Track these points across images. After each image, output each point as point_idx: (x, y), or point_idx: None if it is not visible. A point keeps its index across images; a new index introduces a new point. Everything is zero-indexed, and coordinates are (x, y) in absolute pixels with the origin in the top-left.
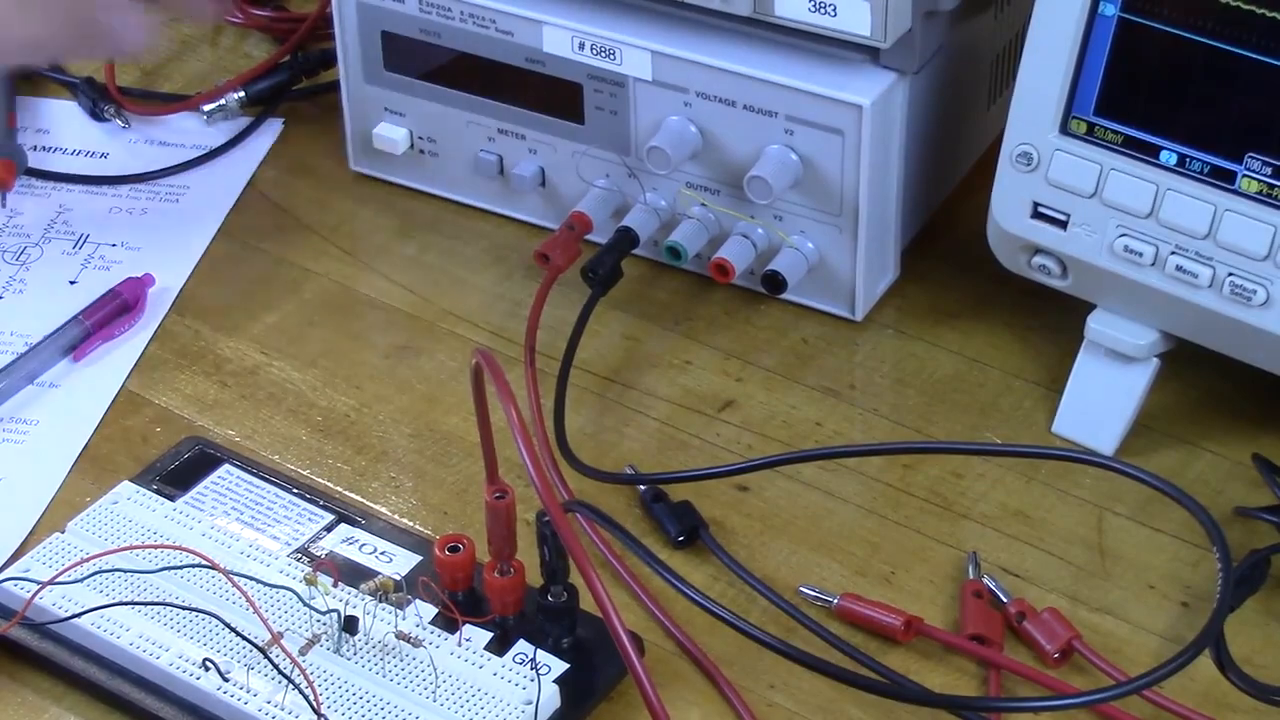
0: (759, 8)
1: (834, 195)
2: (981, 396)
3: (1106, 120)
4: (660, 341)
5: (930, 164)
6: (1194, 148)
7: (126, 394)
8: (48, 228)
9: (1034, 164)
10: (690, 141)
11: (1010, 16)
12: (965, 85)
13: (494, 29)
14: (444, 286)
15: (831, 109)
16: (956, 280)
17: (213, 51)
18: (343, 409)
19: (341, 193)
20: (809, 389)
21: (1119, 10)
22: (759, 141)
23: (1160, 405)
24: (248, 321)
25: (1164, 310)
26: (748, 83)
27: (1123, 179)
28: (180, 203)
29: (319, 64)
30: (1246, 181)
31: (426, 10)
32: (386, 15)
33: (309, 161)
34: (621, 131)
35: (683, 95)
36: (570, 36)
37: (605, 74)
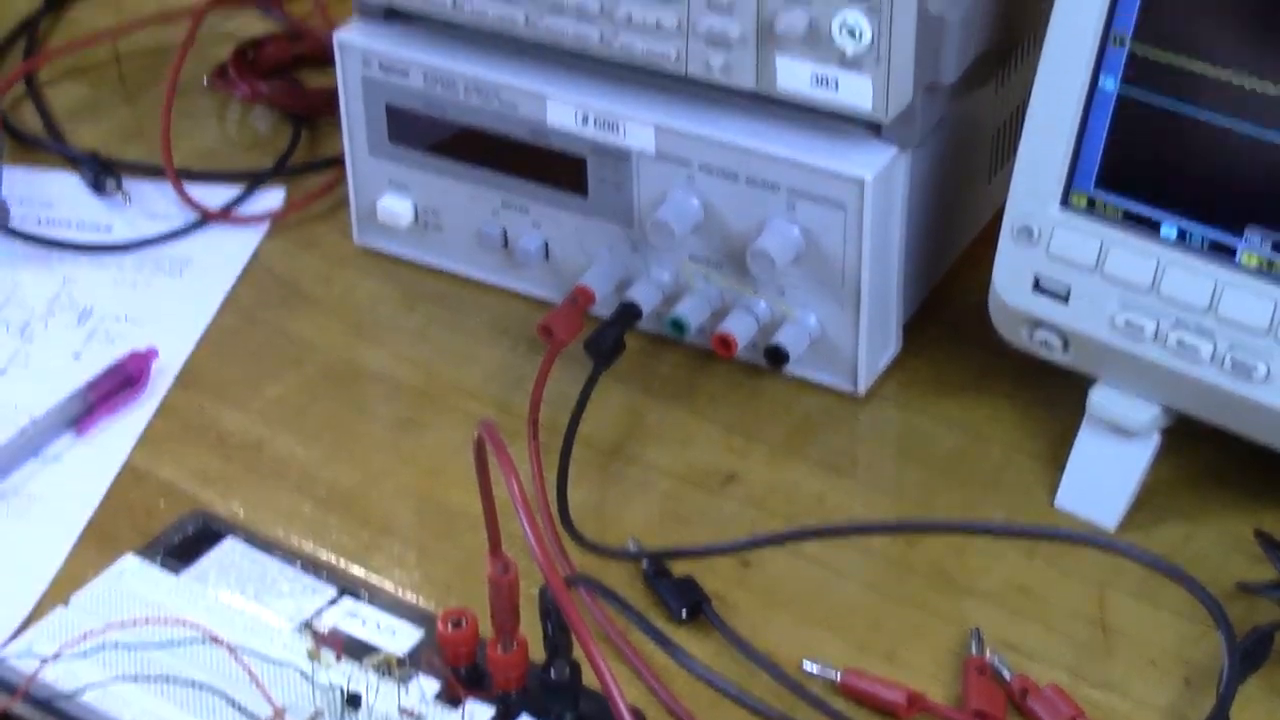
0: (762, 82)
1: (836, 269)
2: (984, 470)
3: (1107, 194)
4: (663, 415)
5: (932, 237)
6: (1194, 222)
7: (130, 467)
8: (52, 301)
9: (1035, 238)
10: (693, 215)
11: (1010, 91)
12: (966, 159)
13: (498, 102)
14: (448, 359)
15: (833, 183)
16: (958, 353)
17: (219, 125)
18: (346, 482)
19: (345, 265)
20: (811, 463)
21: (1119, 85)
22: (761, 215)
23: (1163, 478)
24: (251, 394)
25: (1165, 385)
26: (750, 156)
27: (1123, 253)
28: (184, 275)
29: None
30: (1246, 256)
31: (431, 84)
32: (391, 89)
33: (313, 234)
34: (625, 204)
35: (686, 169)
36: (574, 110)
37: (609, 147)
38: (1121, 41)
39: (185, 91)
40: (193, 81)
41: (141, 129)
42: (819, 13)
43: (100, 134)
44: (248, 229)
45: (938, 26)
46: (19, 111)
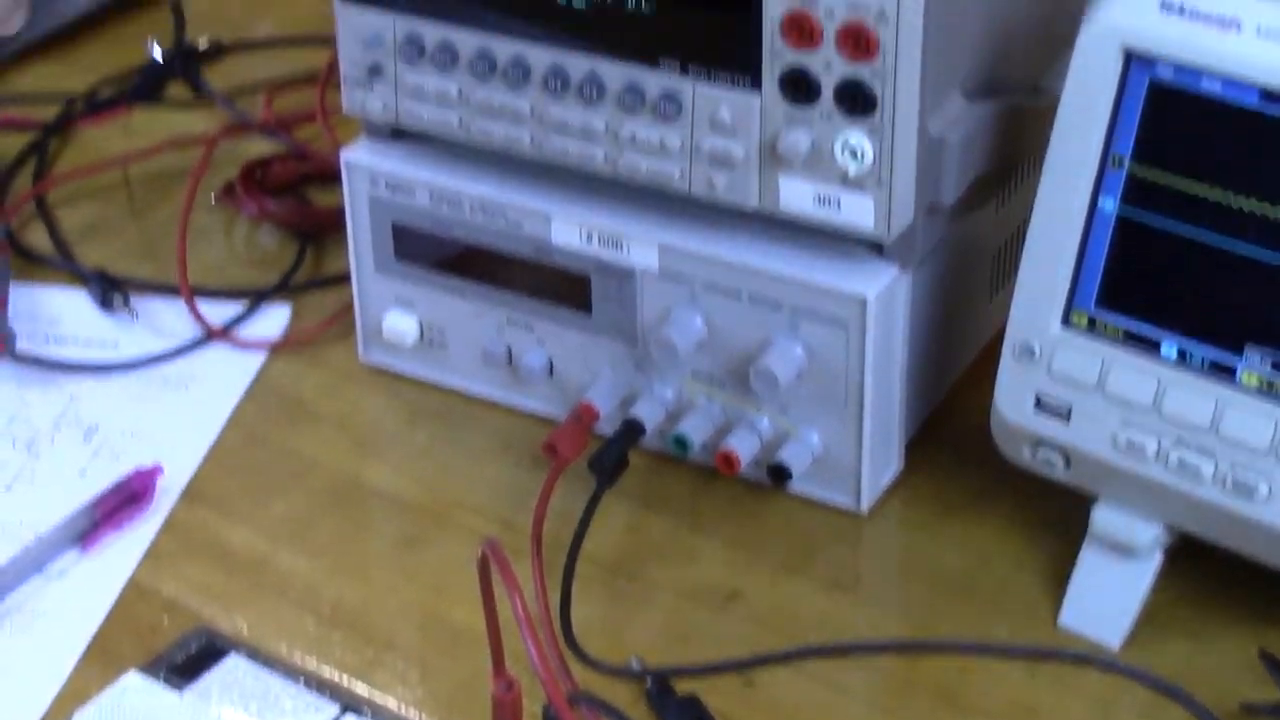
0: (765, 202)
1: (839, 387)
2: (987, 589)
3: (1107, 314)
4: (666, 532)
5: (934, 356)
6: (1194, 341)
7: (134, 584)
8: (58, 418)
9: (1037, 357)
10: (696, 333)
11: (1011, 211)
12: (968, 278)
13: (503, 221)
14: (452, 476)
15: (835, 302)
16: (961, 471)
17: (226, 241)
18: (350, 599)
19: (350, 381)
20: (815, 581)
21: (1118, 206)
22: (765, 333)
23: (1167, 597)
24: (256, 511)
25: (1167, 504)
26: (753, 275)
27: (1124, 372)
28: (190, 391)
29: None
30: (1247, 375)
31: (437, 203)
32: (398, 207)
33: (318, 350)
34: (628, 322)
35: (689, 287)
36: (578, 228)
37: (612, 265)
38: (1120, 163)
39: (193, 208)
40: (200, 198)
41: (149, 247)
42: (821, 134)
43: (108, 252)
44: (253, 345)
45: (938, 148)
46: (29, 230)
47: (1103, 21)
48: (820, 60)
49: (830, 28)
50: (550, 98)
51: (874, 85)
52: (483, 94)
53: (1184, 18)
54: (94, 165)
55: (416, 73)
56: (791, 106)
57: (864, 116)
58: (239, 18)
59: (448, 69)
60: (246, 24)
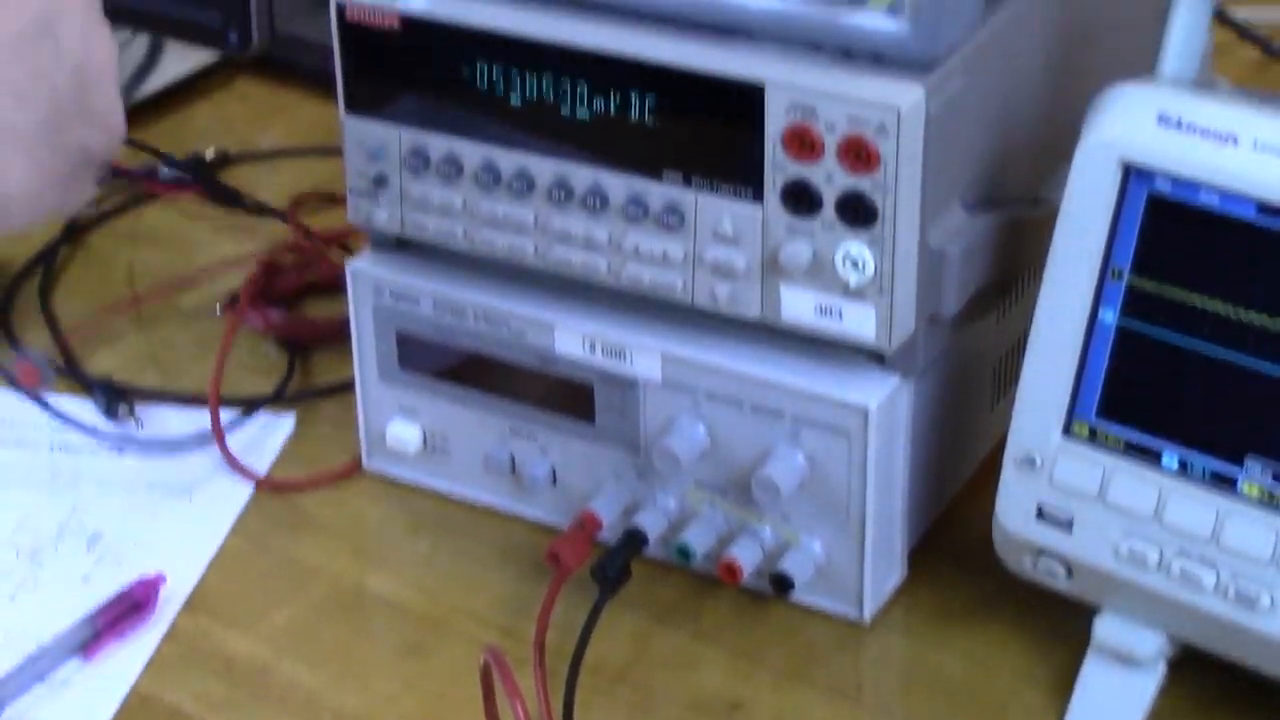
0: (767, 312)
1: (840, 496)
2: (991, 699)
3: (1108, 424)
4: (669, 641)
5: (935, 465)
6: (1195, 451)
7: (137, 693)
8: (62, 526)
9: (1038, 467)
10: (699, 442)
11: (1012, 322)
12: (969, 388)
13: (506, 330)
14: (454, 585)
15: (837, 411)
16: (964, 580)
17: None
18: (352, 708)
19: (353, 489)
20: (817, 690)
21: (1118, 318)
22: (767, 442)
23: (1171, 708)
24: (258, 620)
25: (1170, 614)
26: (755, 385)
27: (1126, 482)
28: (194, 500)
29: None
30: (1248, 486)
31: (441, 312)
32: (402, 316)
33: (322, 458)
34: (631, 431)
35: (692, 396)
36: (581, 338)
37: (615, 375)
38: (1120, 275)
39: (197, 317)
40: (204, 308)
41: (155, 356)
42: (822, 245)
43: (114, 360)
44: (257, 454)
45: (939, 259)
46: (35, 338)
47: (1101, 135)
48: (822, 172)
49: (831, 141)
50: (554, 208)
51: (875, 197)
52: (487, 205)
53: (1181, 131)
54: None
55: (422, 184)
56: (793, 218)
57: (865, 228)
58: (245, 129)
59: (453, 180)
60: (252, 135)
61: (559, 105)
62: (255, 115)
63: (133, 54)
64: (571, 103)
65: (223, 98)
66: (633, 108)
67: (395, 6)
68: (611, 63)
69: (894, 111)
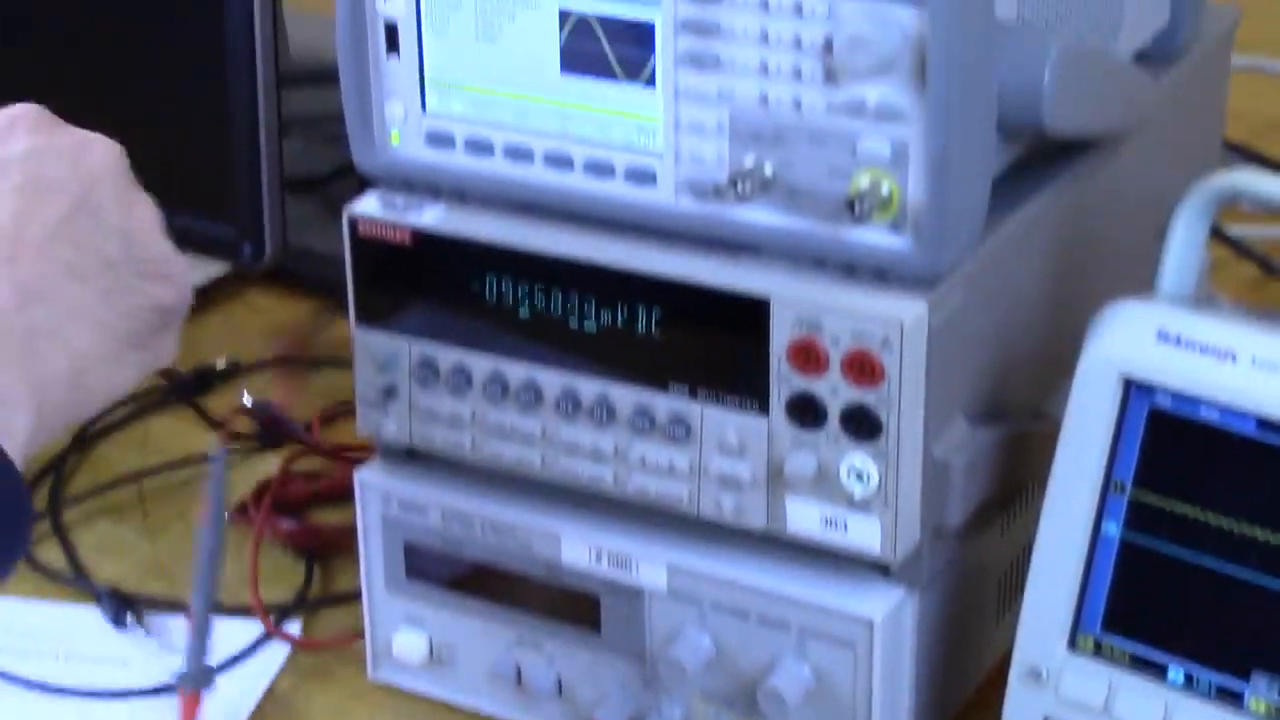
0: (772, 523)
1: (846, 708)
2: None
3: (1114, 637)
4: None
5: (941, 677)
6: (1200, 666)
7: None
8: None
9: (1044, 680)
10: (704, 653)
11: (1016, 533)
12: (974, 600)
13: (513, 540)
14: None
15: (843, 623)
16: None
17: (235, 563)
18: None
19: (360, 699)
20: None
21: (1121, 531)
22: (772, 653)
23: None
24: None
25: None
26: (761, 596)
27: (1131, 696)
28: (200, 709)
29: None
30: (1254, 702)
31: (448, 522)
32: (410, 527)
33: (328, 668)
34: (637, 642)
35: (697, 607)
36: (587, 548)
37: (621, 585)
38: (1122, 488)
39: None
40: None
41: (162, 565)
42: (827, 457)
43: (122, 569)
44: (264, 663)
45: (943, 472)
46: (43, 546)
47: (1102, 350)
48: (827, 386)
49: (836, 355)
50: (562, 420)
51: (879, 410)
52: (496, 416)
53: (1181, 348)
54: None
55: (431, 395)
56: (798, 430)
57: (870, 441)
58: (256, 339)
59: (462, 392)
60: (262, 346)
61: (567, 318)
62: (266, 326)
63: None
64: (579, 315)
65: (234, 308)
66: (639, 320)
67: (407, 221)
68: (619, 276)
69: (898, 326)
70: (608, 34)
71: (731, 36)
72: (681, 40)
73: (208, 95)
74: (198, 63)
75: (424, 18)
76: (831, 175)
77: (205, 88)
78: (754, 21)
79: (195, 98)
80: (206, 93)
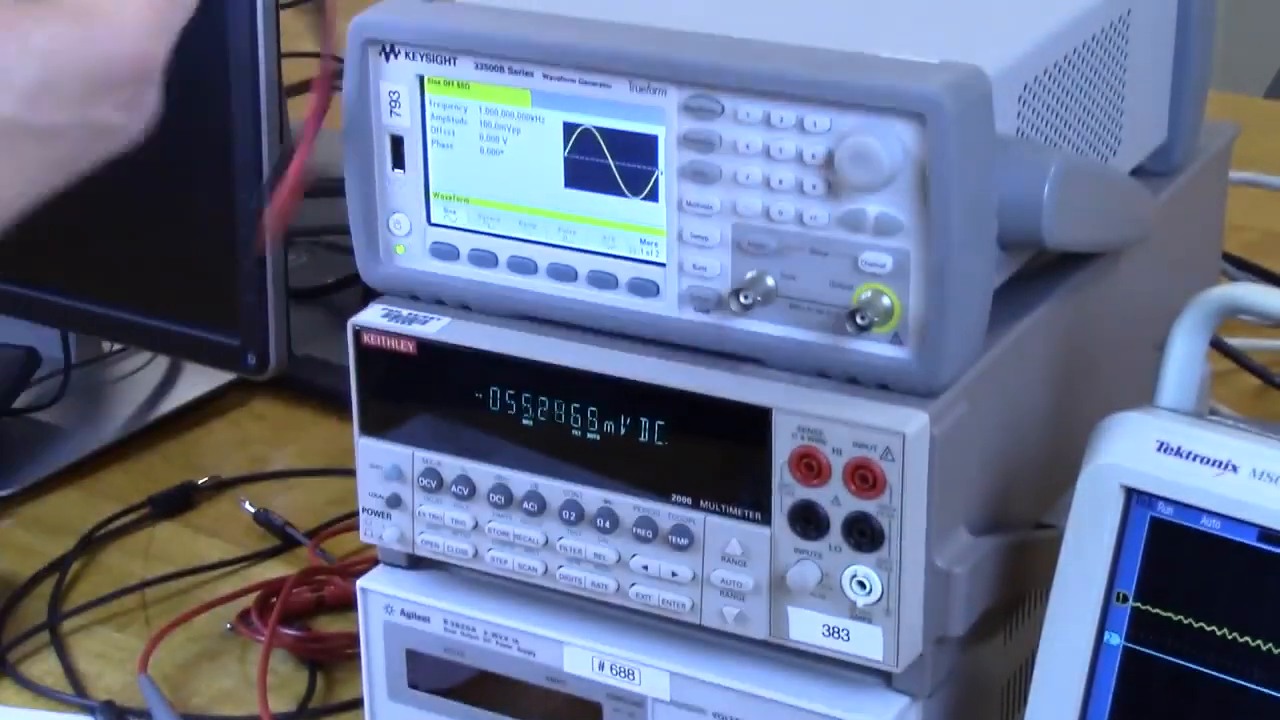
0: (774, 632)
1: None
2: None
3: None
4: None
5: None
6: None
7: None
8: None
9: None
10: None
11: (1019, 643)
12: (978, 709)
13: (516, 648)
14: None
15: None
16: None
17: (240, 668)
18: None
19: None
20: None
21: (1124, 641)
22: None
23: None
24: None
25: None
26: (764, 704)
27: None
28: None
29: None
30: None
31: (451, 630)
32: (412, 634)
33: None
34: None
35: (700, 715)
36: (590, 656)
37: (624, 693)
38: (1125, 599)
39: (207, 634)
40: (215, 624)
41: (162, 673)
42: (829, 566)
43: (124, 677)
44: None
45: (946, 581)
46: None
47: (1103, 460)
48: (829, 495)
49: (838, 465)
50: (565, 529)
51: (881, 520)
52: (498, 525)
53: (1181, 458)
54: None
55: (434, 504)
56: (800, 540)
57: (872, 550)
58: (261, 447)
59: (465, 501)
60: (265, 455)
61: (570, 427)
62: (271, 434)
63: (151, 374)
64: (582, 425)
65: (239, 416)
66: (642, 430)
67: (411, 332)
68: (622, 387)
69: (899, 437)
70: (611, 147)
71: (734, 150)
72: (684, 153)
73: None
74: (204, 175)
75: (429, 131)
76: (833, 287)
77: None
78: (756, 136)
79: (201, 209)
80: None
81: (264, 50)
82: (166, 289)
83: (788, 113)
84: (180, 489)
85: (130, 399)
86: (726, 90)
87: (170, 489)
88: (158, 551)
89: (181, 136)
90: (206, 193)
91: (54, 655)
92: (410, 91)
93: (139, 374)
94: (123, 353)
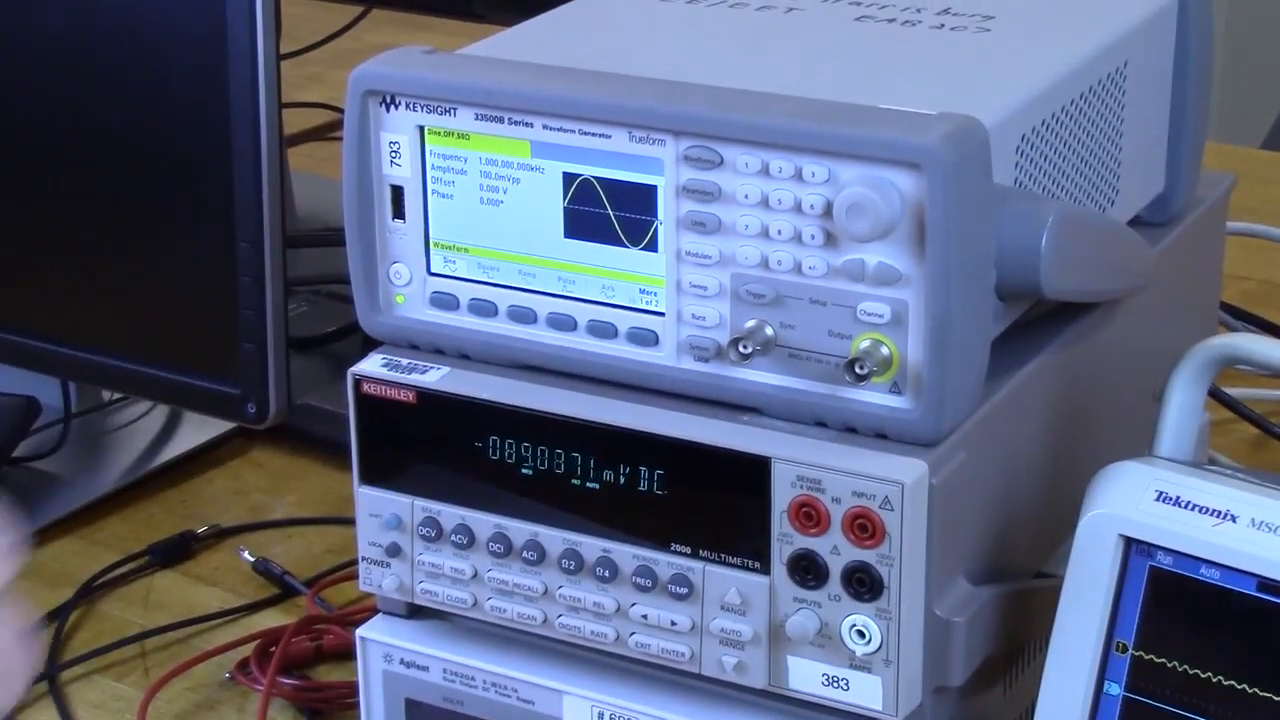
0: (774, 681)
1: None
2: None
3: None
4: None
5: None
6: None
7: None
8: None
9: None
10: None
11: (1019, 692)
12: None
13: (515, 697)
14: None
15: None
16: None
17: (239, 717)
18: None
19: None
20: None
21: (1124, 691)
22: None
23: None
24: None
25: None
26: None
27: None
28: None
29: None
30: None
31: (450, 679)
32: (412, 683)
33: None
34: None
35: None
36: (589, 706)
37: None
38: (1124, 648)
39: (206, 684)
40: (214, 673)
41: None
42: (829, 615)
43: None
44: None
45: (945, 630)
46: (39, 706)
47: (1102, 509)
48: (828, 544)
49: (838, 514)
50: (564, 578)
51: (881, 569)
52: (498, 574)
53: (1180, 508)
54: (112, 643)
55: (434, 554)
56: (800, 589)
57: (871, 599)
58: (260, 496)
59: (465, 550)
60: (265, 503)
61: (569, 477)
62: (271, 483)
63: (151, 423)
64: (581, 474)
65: (238, 465)
66: (641, 480)
67: (411, 381)
68: (621, 436)
69: (899, 487)
70: (610, 197)
71: (733, 200)
72: (683, 203)
73: (214, 257)
74: (205, 226)
75: (429, 181)
76: (832, 337)
77: (212, 250)
78: (755, 186)
79: (201, 259)
80: (213, 254)
81: (265, 102)
82: (166, 338)
83: (786, 163)
84: (179, 538)
85: (130, 448)
86: (725, 141)
87: (169, 538)
88: (157, 601)
89: (182, 187)
90: (207, 243)
91: (53, 706)
92: (411, 142)
93: (139, 423)
94: (123, 402)
